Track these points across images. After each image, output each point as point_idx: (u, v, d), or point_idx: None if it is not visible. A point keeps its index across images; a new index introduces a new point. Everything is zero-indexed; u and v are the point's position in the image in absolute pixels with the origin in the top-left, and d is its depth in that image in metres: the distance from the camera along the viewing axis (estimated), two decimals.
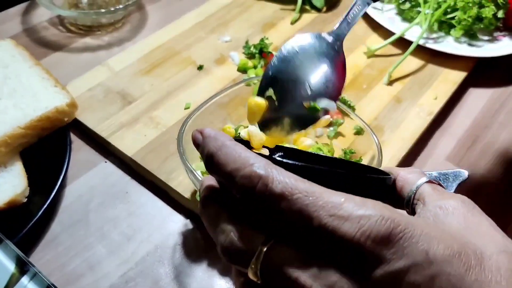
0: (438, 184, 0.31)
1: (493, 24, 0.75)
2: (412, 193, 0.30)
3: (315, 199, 0.24)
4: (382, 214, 0.23)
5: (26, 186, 0.51)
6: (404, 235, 0.23)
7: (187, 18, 0.79)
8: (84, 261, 0.49)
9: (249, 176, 0.25)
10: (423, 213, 0.28)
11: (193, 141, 0.29)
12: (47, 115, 0.55)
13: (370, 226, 0.23)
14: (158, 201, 0.54)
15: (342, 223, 0.23)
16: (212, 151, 0.27)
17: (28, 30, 0.77)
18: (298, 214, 0.24)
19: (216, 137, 0.27)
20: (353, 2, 0.39)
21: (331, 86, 0.35)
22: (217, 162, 0.26)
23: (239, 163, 0.26)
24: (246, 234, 0.26)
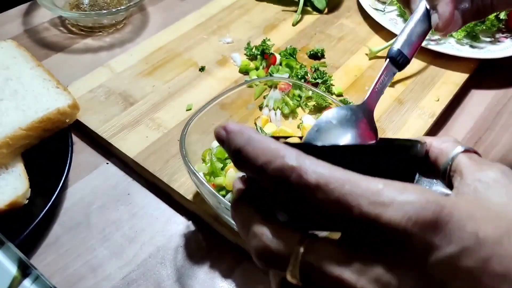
0: (474, 153, 0.29)
1: (495, 26, 0.74)
2: (448, 164, 0.29)
3: (353, 187, 0.22)
4: (426, 198, 0.22)
5: (27, 187, 0.50)
6: (451, 218, 0.22)
7: (189, 19, 0.79)
8: (86, 263, 0.48)
9: (281, 168, 0.24)
10: (462, 188, 0.27)
11: (216, 138, 0.27)
12: (49, 116, 0.55)
13: (415, 211, 0.22)
14: (160, 203, 0.54)
15: (385, 210, 0.22)
16: (239, 146, 0.25)
17: (29, 31, 0.77)
18: (336, 204, 0.23)
19: (241, 131, 0.26)
20: (379, 72, 0.39)
21: None
22: (245, 156, 0.25)
23: (269, 155, 0.24)
24: (280, 235, 0.25)
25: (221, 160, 0.51)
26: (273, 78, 0.58)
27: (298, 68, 0.68)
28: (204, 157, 0.53)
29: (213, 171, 0.50)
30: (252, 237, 0.26)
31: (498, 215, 0.23)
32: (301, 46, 0.75)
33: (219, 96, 0.53)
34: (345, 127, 0.36)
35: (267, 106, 0.58)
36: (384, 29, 0.77)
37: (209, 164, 0.51)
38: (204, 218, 0.52)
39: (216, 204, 0.45)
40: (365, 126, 0.37)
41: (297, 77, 0.67)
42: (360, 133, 0.36)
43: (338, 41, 0.77)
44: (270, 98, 0.58)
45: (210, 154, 0.52)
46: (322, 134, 0.35)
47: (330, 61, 0.73)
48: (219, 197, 0.43)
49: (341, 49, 0.76)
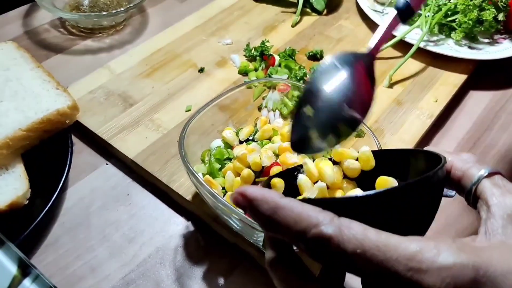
0: (497, 174, 0.30)
1: (493, 27, 0.75)
2: (472, 189, 0.29)
3: (389, 253, 0.23)
4: (461, 262, 0.23)
5: (27, 188, 0.51)
6: (486, 279, 0.23)
7: (188, 21, 0.80)
8: (86, 263, 0.49)
9: (318, 238, 0.24)
10: (491, 225, 0.27)
11: (236, 204, 0.27)
12: (49, 117, 0.55)
13: (453, 276, 0.22)
14: (160, 203, 0.55)
15: (423, 276, 0.23)
16: (268, 215, 0.26)
17: (29, 33, 0.77)
18: (375, 270, 0.23)
19: (265, 199, 0.26)
20: (386, 24, 0.41)
21: (359, 100, 0.37)
22: (277, 225, 0.25)
23: (303, 224, 0.25)
24: None
25: (219, 161, 0.52)
26: (272, 79, 0.58)
27: (297, 69, 0.68)
28: (203, 158, 0.53)
29: (211, 172, 0.50)
30: None
31: None
32: (300, 47, 0.75)
33: (218, 97, 0.54)
34: (345, 69, 0.37)
35: (266, 107, 0.58)
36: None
37: (208, 164, 0.51)
38: (203, 219, 0.52)
39: (215, 204, 0.45)
40: (364, 71, 0.39)
41: (296, 78, 0.67)
42: (357, 76, 0.38)
43: (337, 43, 0.78)
44: (269, 99, 0.58)
45: (209, 155, 0.52)
46: (324, 75, 0.36)
47: None
48: (218, 198, 0.43)
49: (340, 50, 0.76)
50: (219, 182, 0.50)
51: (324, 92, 0.36)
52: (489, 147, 0.65)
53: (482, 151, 0.64)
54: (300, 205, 0.25)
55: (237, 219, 0.44)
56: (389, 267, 0.23)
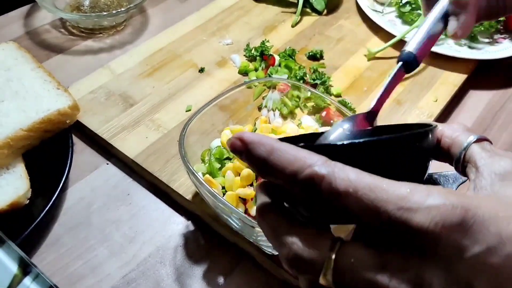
0: (486, 140, 0.30)
1: (493, 27, 0.75)
2: (461, 154, 0.30)
3: (380, 193, 0.23)
4: (451, 202, 0.23)
5: (28, 188, 0.51)
6: (475, 220, 0.23)
7: (188, 21, 0.80)
8: (86, 262, 0.49)
9: (311, 177, 0.24)
10: (479, 182, 0.28)
11: (232, 149, 0.27)
12: (49, 117, 0.55)
13: (442, 215, 0.23)
14: (160, 203, 0.55)
15: (413, 215, 0.23)
16: (263, 157, 0.26)
17: (30, 33, 0.77)
18: (365, 210, 0.24)
19: (261, 142, 0.26)
20: (390, 77, 0.39)
21: None
22: (272, 167, 0.26)
23: (297, 164, 0.25)
24: (311, 242, 0.25)
25: (219, 161, 0.52)
26: (272, 79, 0.58)
27: (297, 69, 0.69)
28: (203, 157, 0.53)
29: (211, 171, 0.51)
30: (283, 246, 0.26)
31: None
32: (300, 47, 0.75)
33: (218, 97, 0.54)
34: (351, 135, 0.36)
35: (266, 107, 0.59)
36: (383, 30, 0.78)
37: (207, 164, 0.51)
38: (203, 218, 0.52)
39: (215, 204, 0.45)
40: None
41: (296, 78, 0.67)
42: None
43: (337, 42, 0.78)
44: (269, 99, 0.58)
45: (209, 155, 0.52)
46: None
47: (329, 62, 0.73)
48: (218, 197, 0.44)
49: (340, 50, 0.76)
50: (219, 181, 0.50)
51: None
52: None
53: None
54: (295, 148, 0.26)
55: (237, 219, 0.44)
56: (379, 207, 0.23)
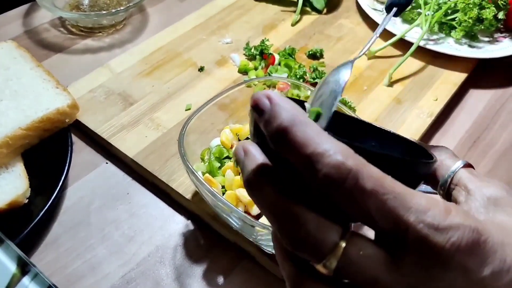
0: (470, 166, 0.31)
1: (493, 26, 0.75)
2: (449, 177, 0.31)
3: (404, 202, 0.23)
4: (468, 224, 0.23)
5: (27, 187, 0.51)
6: (486, 245, 0.24)
7: (188, 20, 0.80)
8: (86, 262, 0.49)
9: (337, 166, 0.22)
10: (472, 204, 0.28)
11: (254, 106, 0.24)
12: (49, 116, 0.55)
13: (459, 237, 0.23)
14: (159, 202, 0.55)
15: (432, 232, 0.23)
16: (285, 125, 0.23)
17: (30, 32, 0.77)
18: (386, 215, 0.23)
19: (290, 109, 0.23)
20: (383, 23, 0.39)
21: None
22: (292, 140, 0.23)
23: (321, 147, 0.22)
24: (322, 224, 0.24)
25: (219, 160, 0.52)
26: (271, 78, 0.58)
27: (297, 68, 0.68)
28: (202, 157, 0.53)
29: (211, 171, 0.50)
30: (290, 221, 0.24)
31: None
32: (300, 46, 0.75)
33: (218, 96, 0.54)
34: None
35: None
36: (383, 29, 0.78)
37: (207, 163, 0.51)
38: (203, 217, 0.52)
39: (214, 203, 0.45)
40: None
41: (296, 77, 0.67)
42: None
43: (337, 41, 0.78)
44: None
45: (208, 154, 0.52)
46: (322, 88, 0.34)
47: (329, 61, 0.73)
48: (218, 196, 0.44)
49: (340, 49, 0.76)
50: (219, 180, 0.50)
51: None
52: (489, 145, 0.64)
53: (482, 149, 0.64)
54: (321, 131, 0.23)
55: (236, 218, 0.44)
56: (402, 215, 0.23)
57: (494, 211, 0.28)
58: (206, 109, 0.52)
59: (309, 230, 0.24)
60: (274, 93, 0.24)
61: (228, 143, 0.53)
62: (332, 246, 0.24)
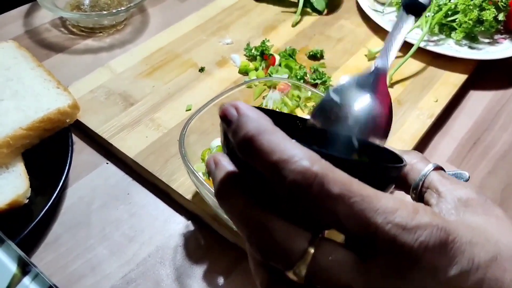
0: (441, 169, 0.32)
1: (493, 27, 0.75)
2: (421, 181, 0.31)
3: (371, 204, 0.23)
4: (436, 224, 0.24)
5: (27, 187, 0.51)
6: (454, 244, 0.24)
7: (188, 20, 0.80)
8: (86, 262, 0.49)
9: (302, 172, 0.22)
10: (443, 206, 0.29)
11: (222, 116, 0.25)
12: (49, 116, 0.55)
13: (427, 236, 0.23)
14: (160, 203, 0.55)
15: (400, 232, 0.23)
16: (251, 134, 0.23)
17: (30, 32, 0.77)
18: (354, 218, 0.23)
19: (257, 119, 0.24)
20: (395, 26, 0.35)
21: (376, 125, 0.33)
22: (258, 148, 0.23)
23: (287, 154, 0.23)
24: (292, 232, 0.24)
25: None
26: (272, 79, 0.58)
27: (297, 68, 0.69)
28: (203, 157, 0.53)
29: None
30: (256, 229, 0.24)
31: (487, 239, 0.25)
32: (300, 47, 0.75)
33: (219, 96, 0.54)
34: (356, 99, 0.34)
35: (266, 107, 0.58)
36: (383, 30, 0.78)
37: None
38: (203, 218, 0.52)
39: (215, 203, 0.45)
40: (376, 93, 0.34)
41: (296, 78, 0.67)
42: (371, 103, 0.34)
43: (338, 42, 0.78)
44: (269, 98, 0.58)
45: (209, 154, 0.52)
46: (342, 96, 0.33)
47: (330, 62, 0.73)
48: None
49: (341, 50, 0.76)
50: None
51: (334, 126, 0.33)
52: (489, 147, 0.65)
53: (482, 150, 0.64)
54: (286, 138, 0.23)
55: None
56: (369, 217, 0.23)
57: (464, 212, 0.28)
58: (206, 109, 0.52)
59: (276, 238, 0.24)
60: (242, 103, 0.25)
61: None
62: (301, 253, 0.24)
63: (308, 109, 0.58)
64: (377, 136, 0.33)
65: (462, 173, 0.34)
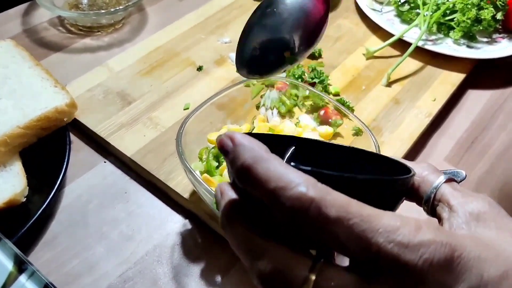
0: (453, 180, 0.31)
1: (492, 26, 0.75)
2: (432, 193, 0.30)
3: (371, 224, 0.23)
4: (440, 240, 0.23)
5: (25, 185, 0.51)
6: (461, 260, 0.23)
7: (187, 19, 0.80)
8: (83, 261, 0.49)
9: (298, 198, 0.23)
10: (454, 221, 0.28)
11: (219, 147, 0.26)
12: (47, 115, 0.55)
13: (431, 254, 0.23)
14: (157, 201, 0.55)
15: (403, 251, 0.23)
16: (248, 164, 0.24)
17: (28, 31, 0.77)
18: (354, 239, 0.23)
19: (252, 148, 0.24)
20: None
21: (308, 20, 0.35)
22: (255, 177, 0.24)
23: (283, 181, 0.23)
24: (292, 259, 0.24)
25: (217, 159, 0.52)
26: (270, 78, 0.58)
27: (295, 67, 0.68)
28: (200, 156, 0.53)
29: (209, 170, 0.50)
30: (256, 258, 0.25)
31: (497, 255, 0.25)
32: None
33: (216, 95, 0.54)
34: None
35: (264, 106, 0.58)
36: (381, 29, 0.78)
37: (205, 162, 0.51)
38: (200, 217, 0.52)
39: (212, 202, 0.45)
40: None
41: (294, 77, 0.67)
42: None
43: (336, 41, 0.78)
44: (267, 97, 0.58)
45: (206, 153, 0.52)
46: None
47: (328, 61, 0.73)
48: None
49: (339, 49, 0.76)
50: (217, 180, 0.50)
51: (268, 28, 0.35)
52: (487, 146, 0.65)
53: (480, 150, 0.64)
54: (283, 164, 0.24)
55: None
56: (370, 238, 0.23)
57: (475, 226, 0.27)
58: (204, 108, 0.52)
59: (276, 268, 0.24)
60: (237, 134, 0.25)
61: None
62: (302, 281, 0.24)
63: (306, 108, 0.58)
64: (307, 32, 0.34)
65: (459, 172, 0.34)
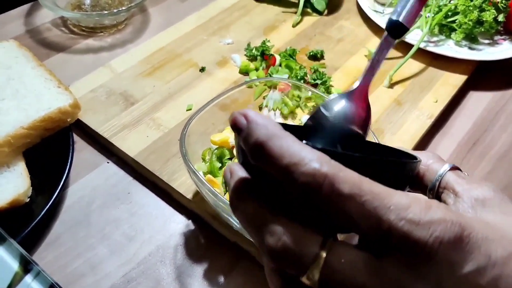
0: (458, 169, 0.31)
1: (493, 28, 0.75)
2: (437, 181, 0.31)
3: (383, 201, 0.23)
4: (450, 219, 0.23)
5: (28, 186, 0.51)
6: (470, 240, 0.23)
7: (189, 20, 0.80)
8: (86, 261, 0.49)
9: (312, 174, 0.23)
10: (460, 205, 0.28)
11: (232, 124, 0.26)
12: (50, 115, 0.55)
13: (441, 231, 0.23)
14: (160, 202, 0.55)
15: (414, 228, 0.23)
16: (261, 140, 0.24)
17: (31, 31, 0.77)
18: (366, 216, 0.23)
19: (266, 125, 0.24)
20: (378, 49, 0.38)
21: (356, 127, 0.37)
22: (269, 153, 0.24)
23: (297, 157, 0.23)
24: (303, 235, 0.24)
25: (220, 160, 0.52)
26: (272, 79, 0.59)
27: (298, 69, 0.69)
28: (204, 157, 0.53)
29: (212, 171, 0.51)
30: (267, 234, 0.25)
31: (503, 236, 0.25)
32: (300, 47, 0.76)
33: (219, 96, 0.54)
34: (339, 118, 0.36)
35: (267, 107, 0.59)
36: (383, 31, 0.78)
37: (208, 163, 0.51)
38: (203, 217, 0.53)
39: (215, 203, 0.45)
40: (358, 109, 0.38)
41: (297, 78, 0.67)
42: (354, 117, 0.37)
43: (338, 43, 0.78)
44: (269, 98, 0.58)
45: (210, 154, 0.53)
46: (318, 129, 0.35)
47: (330, 62, 0.73)
48: (219, 196, 0.44)
49: (341, 50, 0.76)
50: (220, 181, 0.50)
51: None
52: (489, 147, 0.65)
53: (481, 151, 0.64)
54: (296, 141, 0.24)
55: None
56: (382, 215, 0.23)
57: (481, 211, 0.28)
58: (207, 109, 0.52)
59: (287, 243, 0.24)
60: (251, 111, 0.25)
61: (220, 143, 0.53)
62: (313, 257, 0.24)
63: (308, 109, 0.58)
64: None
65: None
